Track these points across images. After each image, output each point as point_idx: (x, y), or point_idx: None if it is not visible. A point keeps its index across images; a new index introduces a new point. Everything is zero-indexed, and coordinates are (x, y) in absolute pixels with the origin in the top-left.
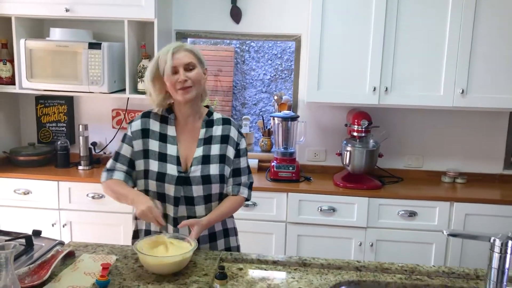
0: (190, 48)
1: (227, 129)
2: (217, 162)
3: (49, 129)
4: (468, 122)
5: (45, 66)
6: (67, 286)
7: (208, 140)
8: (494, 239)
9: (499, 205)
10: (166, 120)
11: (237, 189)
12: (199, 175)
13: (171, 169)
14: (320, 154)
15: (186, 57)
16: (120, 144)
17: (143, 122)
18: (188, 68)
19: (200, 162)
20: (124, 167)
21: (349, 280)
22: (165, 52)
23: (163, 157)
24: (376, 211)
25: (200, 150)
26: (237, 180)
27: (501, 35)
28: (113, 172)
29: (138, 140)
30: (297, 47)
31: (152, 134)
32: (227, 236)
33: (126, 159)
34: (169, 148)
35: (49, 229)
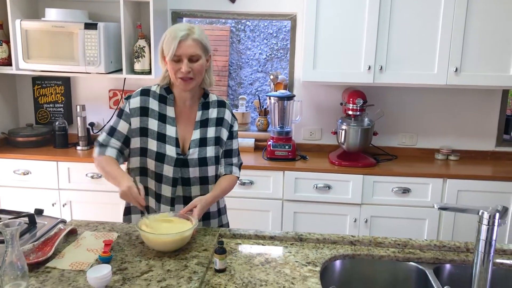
0: (198, 36)
1: (222, 111)
2: (213, 144)
3: (47, 110)
4: (462, 100)
5: (42, 46)
6: (71, 262)
7: (205, 123)
8: (482, 212)
9: (490, 181)
10: (165, 100)
11: (230, 169)
12: (197, 158)
13: (170, 151)
14: (316, 133)
15: (192, 47)
16: (116, 119)
17: (143, 100)
18: (192, 59)
19: (197, 144)
20: (118, 143)
21: (344, 254)
22: (173, 37)
23: (162, 138)
24: (370, 188)
25: (197, 132)
26: (229, 160)
27: (494, 13)
28: (106, 148)
29: (136, 118)
30: (293, 26)
31: (152, 113)
32: (220, 215)
33: (122, 135)
34: (168, 129)
35: (49, 209)
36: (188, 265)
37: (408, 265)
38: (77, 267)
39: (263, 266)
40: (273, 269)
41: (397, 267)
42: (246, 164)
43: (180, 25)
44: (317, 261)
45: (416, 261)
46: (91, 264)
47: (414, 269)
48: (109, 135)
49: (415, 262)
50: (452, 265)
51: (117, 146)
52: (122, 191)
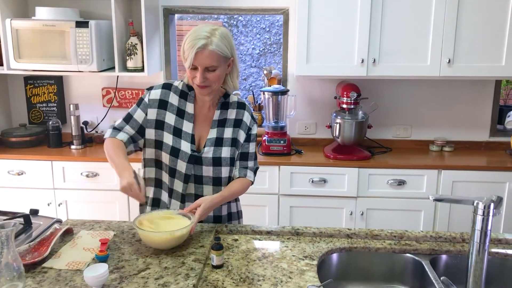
0: (215, 47)
1: (241, 113)
2: (229, 145)
3: (40, 110)
4: (455, 91)
5: (33, 46)
6: (68, 262)
7: (222, 123)
8: (477, 202)
9: (485, 171)
10: (185, 96)
11: (244, 172)
12: (211, 157)
13: (185, 146)
14: (311, 127)
15: (208, 59)
16: (134, 107)
17: (163, 93)
18: (208, 69)
19: (213, 143)
20: (132, 131)
21: (341, 247)
22: (191, 46)
23: (178, 132)
24: (366, 181)
25: (214, 131)
26: (244, 163)
27: (486, 4)
28: (118, 132)
29: (153, 109)
30: (285, 21)
31: (170, 107)
32: (230, 220)
33: (137, 124)
34: (185, 125)
35: (45, 209)
36: (185, 261)
37: (405, 256)
38: (74, 267)
39: (260, 261)
40: (270, 263)
41: (394, 259)
42: None
43: (201, 30)
44: (314, 255)
45: (413, 252)
46: (87, 263)
47: (411, 260)
48: (124, 121)
49: (411, 254)
50: (448, 255)
51: (130, 133)
52: (123, 186)
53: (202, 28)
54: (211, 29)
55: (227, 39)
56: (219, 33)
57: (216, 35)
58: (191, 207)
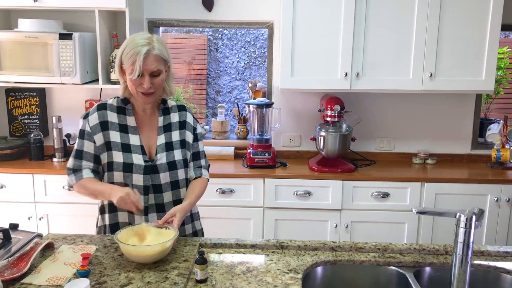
0: (158, 51)
1: (184, 115)
2: (179, 147)
3: (21, 122)
4: (437, 105)
5: (15, 58)
6: (48, 277)
7: (168, 127)
8: (459, 215)
9: (467, 184)
10: (123, 111)
11: (199, 171)
12: (165, 162)
13: (137, 159)
14: (295, 139)
15: (153, 64)
16: (79, 141)
17: (101, 115)
18: (154, 74)
19: (164, 149)
20: (90, 164)
21: (325, 260)
22: (134, 53)
23: (127, 148)
24: (350, 193)
25: (162, 137)
26: (197, 163)
27: (466, 19)
28: (81, 172)
29: (98, 134)
30: (270, 34)
31: (112, 126)
32: (193, 221)
33: (91, 155)
34: (132, 138)
35: (25, 223)
36: (168, 276)
37: (389, 269)
38: (54, 282)
39: (245, 275)
40: (254, 277)
41: (378, 271)
42: (226, 172)
43: (139, 38)
44: (299, 268)
45: (397, 265)
46: (68, 279)
47: (395, 273)
48: (78, 159)
49: (395, 266)
50: (431, 268)
51: (90, 167)
52: (120, 197)
53: (139, 36)
54: (148, 36)
55: (164, 44)
56: (156, 39)
57: (155, 41)
58: (166, 218)
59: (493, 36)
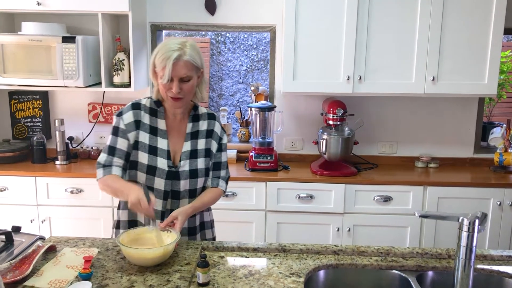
0: (189, 57)
1: (212, 124)
2: (203, 156)
3: (24, 125)
4: (440, 109)
5: (18, 61)
6: (50, 280)
7: (195, 135)
8: (462, 219)
9: (469, 187)
10: (155, 113)
11: (216, 182)
12: (188, 170)
13: (161, 163)
14: (297, 143)
15: (183, 69)
16: (113, 138)
17: (135, 114)
18: (183, 79)
19: (188, 156)
20: (121, 161)
21: (328, 264)
22: (165, 57)
23: (153, 150)
24: (352, 197)
25: (188, 144)
26: (216, 173)
27: (469, 23)
28: (110, 168)
29: (132, 132)
30: (272, 38)
31: (143, 126)
32: (203, 229)
33: (123, 153)
34: (160, 142)
35: (27, 226)
36: (170, 279)
37: (391, 273)
38: (57, 285)
39: (247, 278)
40: (256, 281)
41: (381, 275)
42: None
43: (172, 42)
44: (301, 272)
45: (399, 269)
46: (71, 282)
47: (397, 277)
48: (110, 155)
49: (398, 270)
50: (434, 272)
51: (121, 164)
52: (131, 202)
53: (172, 41)
54: (182, 41)
55: (197, 50)
56: (189, 44)
57: (188, 46)
58: (168, 221)
59: (496, 40)
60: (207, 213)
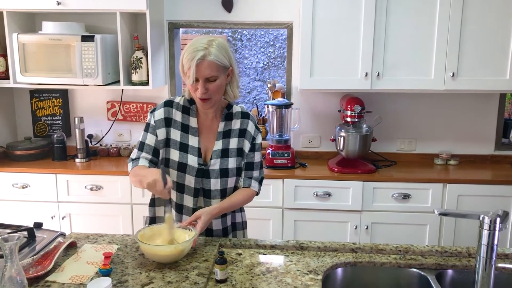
0: (214, 57)
1: (245, 123)
2: (235, 155)
3: (45, 123)
4: (459, 105)
5: (39, 60)
6: (71, 275)
7: (227, 134)
8: (483, 217)
9: (490, 185)
10: (188, 111)
11: (249, 182)
12: (218, 168)
13: (192, 161)
14: (315, 140)
15: (208, 69)
16: (144, 133)
17: (166, 111)
18: (209, 79)
19: (219, 155)
20: (149, 156)
21: (346, 262)
22: (190, 58)
23: (185, 148)
24: (370, 194)
25: (219, 143)
26: (249, 173)
27: (490, 17)
28: (138, 161)
29: (161, 129)
30: (289, 35)
31: (175, 124)
32: (235, 230)
33: (151, 148)
34: (191, 139)
35: (48, 222)
36: (189, 276)
37: (410, 271)
38: (77, 281)
39: (264, 275)
40: (274, 278)
41: (399, 273)
42: None
43: (199, 42)
44: (319, 270)
45: (418, 267)
46: (91, 277)
47: (416, 275)
48: (139, 151)
49: (417, 269)
50: (454, 270)
51: (148, 158)
52: (148, 183)
53: (200, 40)
54: (208, 40)
55: (225, 49)
56: (216, 43)
57: (214, 45)
58: (191, 219)
59: None
60: (240, 213)
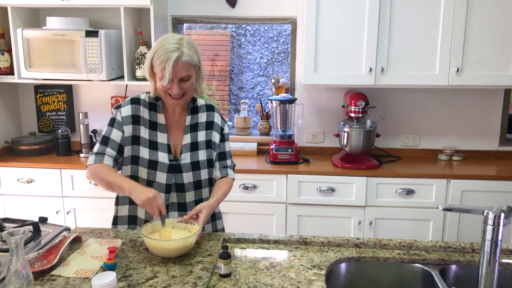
0: (187, 57)
1: (211, 115)
2: (204, 148)
3: (49, 118)
4: (464, 100)
5: (43, 55)
6: (76, 270)
7: (194, 127)
8: (487, 212)
9: (494, 180)
10: (155, 108)
11: (226, 171)
12: (189, 162)
13: (162, 157)
14: (318, 135)
15: (184, 70)
16: (108, 128)
17: (134, 108)
18: (183, 79)
19: (189, 149)
20: (113, 152)
21: (349, 257)
22: (164, 60)
23: (154, 145)
24: (374, 190)
25: (188, 137)
26: (223, 163)
27: (495, 12)
28: (102, 156)
29: (128, 126)
30: (293, 30)
31: (143, 121)
32: (214, 220)
33: (116, 144)
34: (160, 136)
35: (53, 217)
36: (193, 270)
37: (414, 266)
38: (82, 275)
39: (268, 270)
40: (278, 273)
41: (403, 269)
42: (249, 168)
43: (169, 42)
44: (322, 265)
45: (422, 262)
46: (96, 271)
47: (420, 270)
48: (103, 145)
49: (420, 264)
50: (458, 266)
51: (113, 155)
52: (147, 197)
53: (168, 39)
54: (178, 39)
55: (194, 46)
56: (186, 42)
57: (185, 45)
58: (191, 214)
59: None
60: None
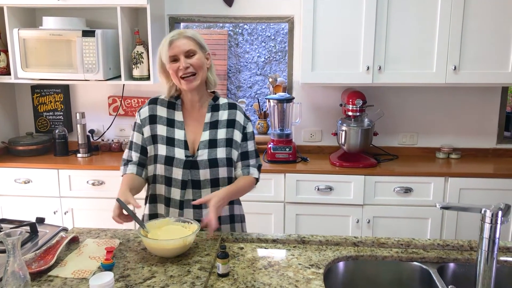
0: (191, 34)
1: (233, 113)
2: (223, 146)
3: (46, 118)
4: (461, 98)
5: (40, 55)
6: (73, 270)
7: (214, 124)
8: (485, 210)
9: (492, 178)
10: (173, 106)
11: (247, 170)
12: (206, 159)
13: (179, 153)
14: (316, 134)
15: (186, 44)
16: (132, 133)
17: (150, 109)
18: (189, 55)
19: (206, 146)
20: (137, 154)
21: (347, 256)
22: (163, 43)
23: (171, 142)
24: (372, 188)
25: (206, 134)
26: (245, 162)
27: (492, 10)
28: (127, 166)
29: (147, 127)
30: (290, 29)
31: (160, 120)
32: (233, 222)
33: (138, 146)
34: (177, 133)
35: (51, 217)
36: (190, 270)
37: (412, 265)
38: (80, 275)
39: (266, 269)
40: (276, 272)
41: (401, 267)
42: None
43: (169, 34)
44: (320, 263)
45: (420, 260)
46: (93, 272)
47: (418, 269)
48: (129, 150)
49: (418, 262)
50: (456, 264)
51: (136, 159)
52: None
53: (170, 33)
54: (180, 30)
55: (199, 35)
56: (190, 29)
57: (188, 30)
58: (202, 201)
59: None
60: (238, 206)
